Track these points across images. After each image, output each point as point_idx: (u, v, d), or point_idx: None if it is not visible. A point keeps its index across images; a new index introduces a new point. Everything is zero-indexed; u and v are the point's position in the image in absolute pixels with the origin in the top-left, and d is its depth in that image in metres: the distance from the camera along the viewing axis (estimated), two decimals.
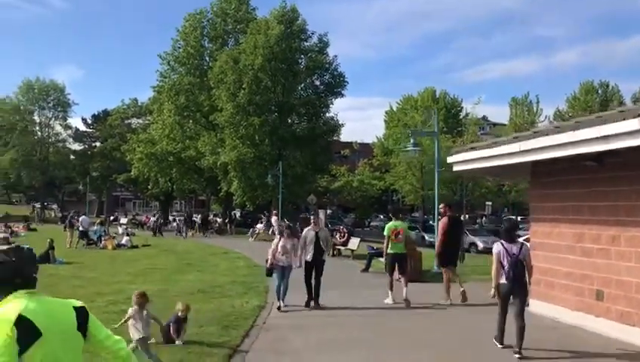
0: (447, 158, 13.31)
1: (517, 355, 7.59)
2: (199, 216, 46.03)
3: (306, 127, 41.45)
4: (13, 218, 51.49)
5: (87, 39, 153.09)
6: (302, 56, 41.48)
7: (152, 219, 45.54)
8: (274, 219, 31.26)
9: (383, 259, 13.76)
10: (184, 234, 38.99)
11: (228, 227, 42.89)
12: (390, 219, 13.23)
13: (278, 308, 11.29)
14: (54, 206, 78.70)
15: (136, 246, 28.27)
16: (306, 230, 12.01)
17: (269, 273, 12.09)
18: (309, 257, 11.72)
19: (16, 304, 2.45)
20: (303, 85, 42.17)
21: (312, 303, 11.79)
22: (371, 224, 57.80)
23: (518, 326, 7.72)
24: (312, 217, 12.66)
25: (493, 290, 8.15)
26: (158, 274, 17.57)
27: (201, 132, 44.11)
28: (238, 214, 55.28)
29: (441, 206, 14.42)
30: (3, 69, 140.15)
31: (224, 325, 9.70)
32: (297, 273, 11.93)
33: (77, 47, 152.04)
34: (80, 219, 29.93)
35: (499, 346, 8.17)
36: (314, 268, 11.74)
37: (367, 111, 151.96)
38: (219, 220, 46.79)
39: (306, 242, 11.79)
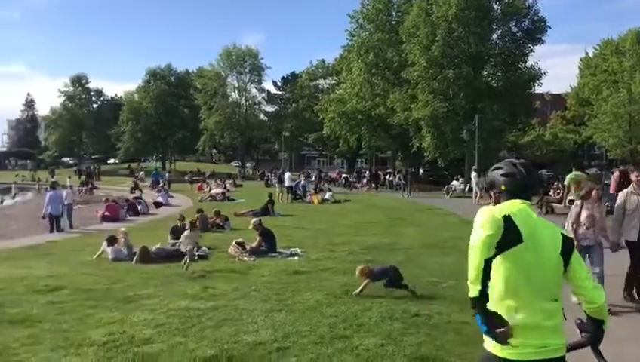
0: None
1: None
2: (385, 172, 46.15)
3: (502, 78, 39.18)
4: (218, 175, 56.51)
5: (270, 4, 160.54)
6: (497, 1, 38.97)
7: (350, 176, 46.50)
8: (473, 175, 30.18)
9: None
10: (406, 192, 35.47)
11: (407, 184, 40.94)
12: None
13: None
14: (248, 164, 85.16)
15: (338, 201, 29.28)
16: (623, 193, 8.11)
17: None
18: (633, 235, 7.89)
19: (511, 206, 2.63)
20: (498, 34, 39.71)
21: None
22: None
23: None
24: (635, 173, 8.24)
25: None
26: (376, 228, 17.94)
27: (390, 89, 43.92)
28: (420, 171, 54.63)
29: None
30: (198, 38, 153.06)
31: None
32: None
33: (260, 13, 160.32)
34: (285, 175, 31.74)
35: None
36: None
37: (551, 60, 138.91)
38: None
39: (625, 210, 7.93)
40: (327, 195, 30.24)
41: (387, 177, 46.08)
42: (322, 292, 8.42)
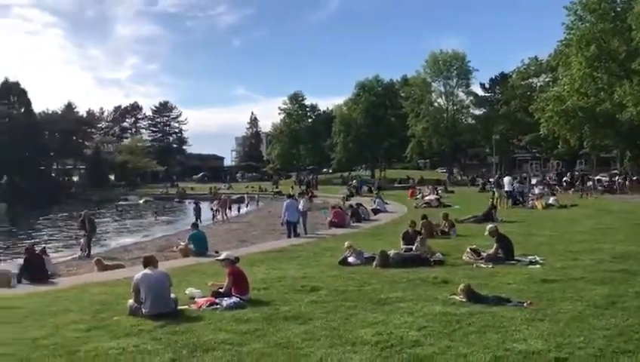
0: None
1: None
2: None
3: None
4: (426, 181, 56.43)
5: (471, 6, 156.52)
6: None
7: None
8: None
9: None
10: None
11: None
12: None
13: None
14: (455, 169, 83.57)
15: (564, 206, 27.24)
16: None
17: None
18: None
19: None
20: None
21: None
22: None
23: None
24: None
25: None
26: (617, 234, 16.32)
27: (616, 82, 39.73)
28: None
29: None
30: (400, 48, 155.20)
31: None
32: None
33: (460, 16, 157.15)
34: (504, 179, 30.51)
35: None
36: None
37: None
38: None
39: None
40: (552, 200, 28.31)
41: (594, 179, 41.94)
42: (582, 302, 7.93)
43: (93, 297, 9.91)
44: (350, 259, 12.57)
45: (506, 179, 30.28)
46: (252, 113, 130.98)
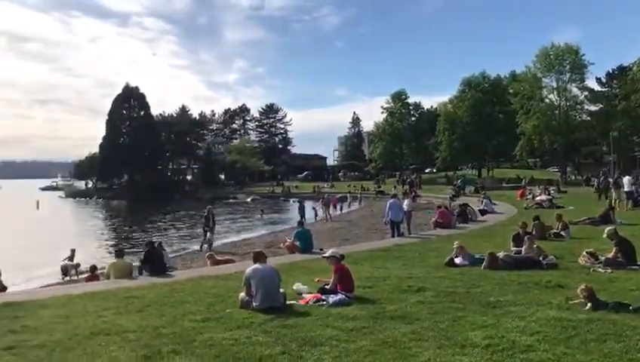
0: None
1: None
2: None
3: None
4: (537, 181, 53.79)
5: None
6: None
7: None
8: None
9: None
10: None
11: None
12: None
13: None
14: (568, 168, 78.91)
15: None
16: None
17: None
18: None
19: None
20: None
21: None
22: None
23: None
24: None
25: None
26: None
27: None
28: None
29: None
30: (509, 42, 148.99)
31: None
32: None
33: (574, 8, 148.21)
34: (624, 179, 28.39)
35: None
36: None
37: None
38: None
39: None
40: None
41: None
42: None
43: (207, 290, 10.41)
44: (457, 260, 12.29)
45: (626, 179, 28.11)
46: (354, 113, 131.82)
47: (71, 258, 19.57)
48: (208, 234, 24.35)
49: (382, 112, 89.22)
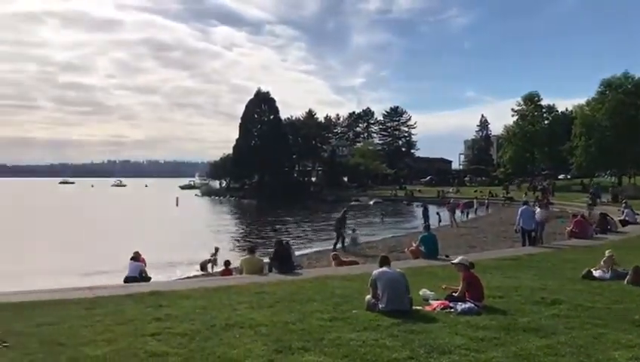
0: None
1: None
2: None
3: None
4: None
5: None
6: None
7: None
8: None
9: None
10: None
11: None
12: None
13: None
14: None
15: None
16: None
17: None
18: None
19: None
20: None
21: None
22: None
23: None
24: None
25: None
26: None
27: None
28: None
29: None
30: None
31: None
32: None
33: None
34: None
35: None
36: None
37: None
38: None
39: None
40: None
41: None
42: None
43: (333, 290, 10.61)
44: (596, 273, 11.47)
45: None
46: (482, 115, 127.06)
47: (214, 255, 20.76)
48: (349, 232, 26.54)
49: (512, 115, 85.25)
